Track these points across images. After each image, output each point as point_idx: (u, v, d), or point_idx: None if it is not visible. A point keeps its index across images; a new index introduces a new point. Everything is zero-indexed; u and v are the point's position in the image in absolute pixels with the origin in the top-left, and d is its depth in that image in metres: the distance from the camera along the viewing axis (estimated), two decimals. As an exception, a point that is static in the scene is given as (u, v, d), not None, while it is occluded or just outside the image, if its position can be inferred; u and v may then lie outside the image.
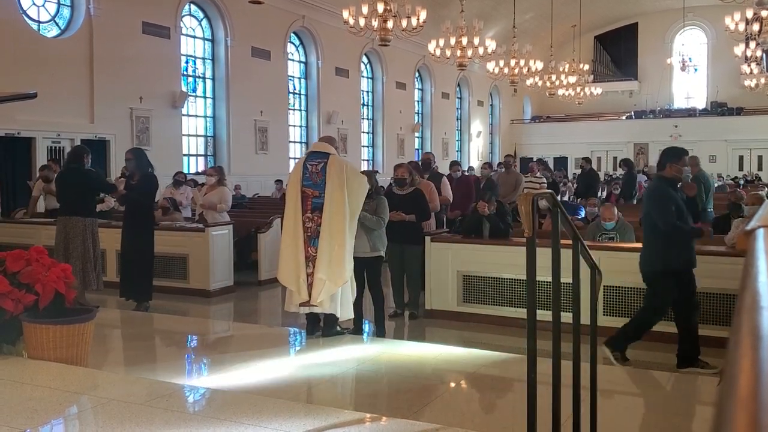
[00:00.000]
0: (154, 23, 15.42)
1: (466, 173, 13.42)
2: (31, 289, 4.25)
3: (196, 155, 17.71)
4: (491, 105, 33.52)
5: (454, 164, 10.69)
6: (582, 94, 26.88)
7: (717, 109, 31.78)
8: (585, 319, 3.46)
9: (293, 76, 20.57)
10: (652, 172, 15.92)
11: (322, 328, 5.73)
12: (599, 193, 14.20)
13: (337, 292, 5.53)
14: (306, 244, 5.52)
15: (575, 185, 16.07)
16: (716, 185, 21.02)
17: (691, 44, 32.99)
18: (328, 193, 5.50)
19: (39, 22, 13.83)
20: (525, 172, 13.01)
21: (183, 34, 16.72)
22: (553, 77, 24.39)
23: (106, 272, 8.48)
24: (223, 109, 17.74)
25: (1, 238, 9.42)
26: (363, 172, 6.39)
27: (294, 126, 20.74)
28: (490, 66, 19.35)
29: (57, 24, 14.17)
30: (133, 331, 6.75)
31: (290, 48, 20.15)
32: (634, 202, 13.01)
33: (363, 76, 23.69)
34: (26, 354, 4.24)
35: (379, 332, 6.35)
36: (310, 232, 5.53)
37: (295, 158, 19.40)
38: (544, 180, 12.77)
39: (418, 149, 27.20)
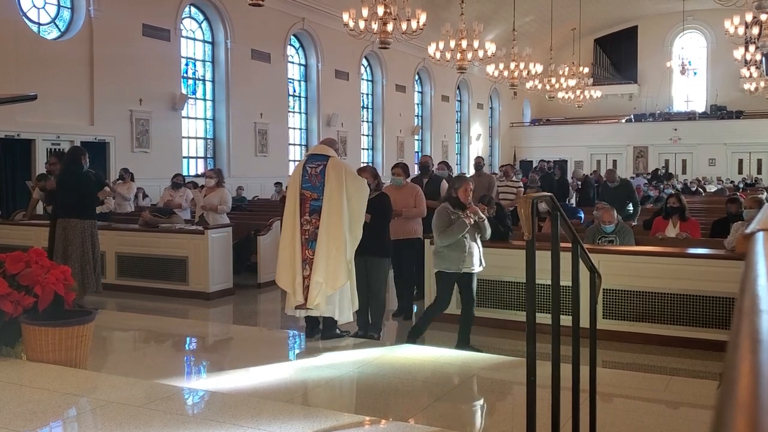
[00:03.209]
0: (154, 25, 15.43)
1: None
2: (31, 291, 4.24)
3: (196, 157, 17.71)
4: (491, 108, 33.56)
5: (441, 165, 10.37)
6: (582, 97, 26.90)
7: (717, 112, 31.83)
8: (584, 322, 3.47)
9: (293, 79, 20.58)
10: (578, 176, 15.77)
11: (321, 330, 5.72)
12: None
13: (335, 295, 5.51)
14: (303, 246, 5.51)
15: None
16: (715, 188, 21.07)
17: (690, 48, 33.04)
18: (326, 196, 5.49)
19: (39, 24, 13.84)
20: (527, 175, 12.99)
21: (183, 37, 16.73)
22: (553, 80, 24.41)
23: (105, 274, 8.48)
24: (223, 111, 17.74)
25: (1, 240, 9.42)
26: (457, 176, 6.04)
27: (294, 128, 20.75)
28: (490, 69, 19.37)
29: (57, 26, 14.18)
30: (132, 333, 6.75)
31: (290, 50, 20.17)
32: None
33: (363, 79, 23.71)
34: (25, 356, 4.23)
35: (465, 343, 5.94)
36: (307, 235, 5.53)
37: (294, 161, 19.42)
38: (521, 184, 12.61)
39: (417, 152, 27.22)
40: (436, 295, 6.06)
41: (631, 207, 9.86)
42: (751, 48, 18.56)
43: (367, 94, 24.37)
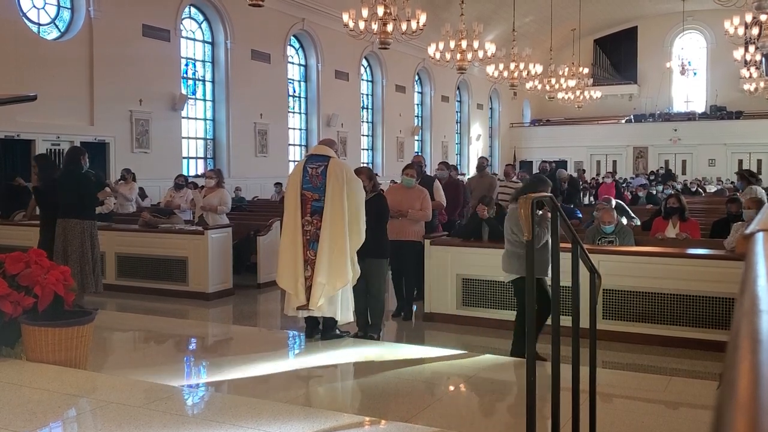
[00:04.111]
0: (154, 26, 15.43)
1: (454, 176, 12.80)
2: (30, 291, 4.24)
3: (196, 158, 17.71)
4: (491, 108, 33.56)
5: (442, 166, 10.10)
6: (581, 97, 26.91)
7: (716, 112, 31.84)
8: (584, 322, 3.47)
9: (293, 79, 20.58)
10: (562, 176, 15.20)
11: (321, 331, 5.72)
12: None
13: (336, 296, 5.52)
14: (305, 247, 5.51)
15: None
16: (715, 189, 21.07)
17: (690, 48, 33.05)
18: (328, 196, 5.49)
19: (39, 24, 13.83)
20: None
21: (183, 37, 16.73)
22: (553, 81, 24.42)
23: (105, 275, 8.48)
24: (223, 111, 17.74)
25: (1, 240, 9.42)
26: (539, 180, 5.81)
27: (294, 129, 20.75)
28: (490, 69, 19.37)
29: (57, 26, 14.18)
30: (132, 333, 6.75)
31: (290, 51, 20.17)
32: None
33: (363, 79, 23.71)
34: (25, 356, 4.23)
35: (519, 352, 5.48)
36: (309, 236, 5.52)
37: (294, 161, 19.41)
38: (521, 185, 12.40)
39: (417, 152, 27.23)
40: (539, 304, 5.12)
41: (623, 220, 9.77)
42: (751, 48, 18.58)
43: (367, 95, 24.37)
